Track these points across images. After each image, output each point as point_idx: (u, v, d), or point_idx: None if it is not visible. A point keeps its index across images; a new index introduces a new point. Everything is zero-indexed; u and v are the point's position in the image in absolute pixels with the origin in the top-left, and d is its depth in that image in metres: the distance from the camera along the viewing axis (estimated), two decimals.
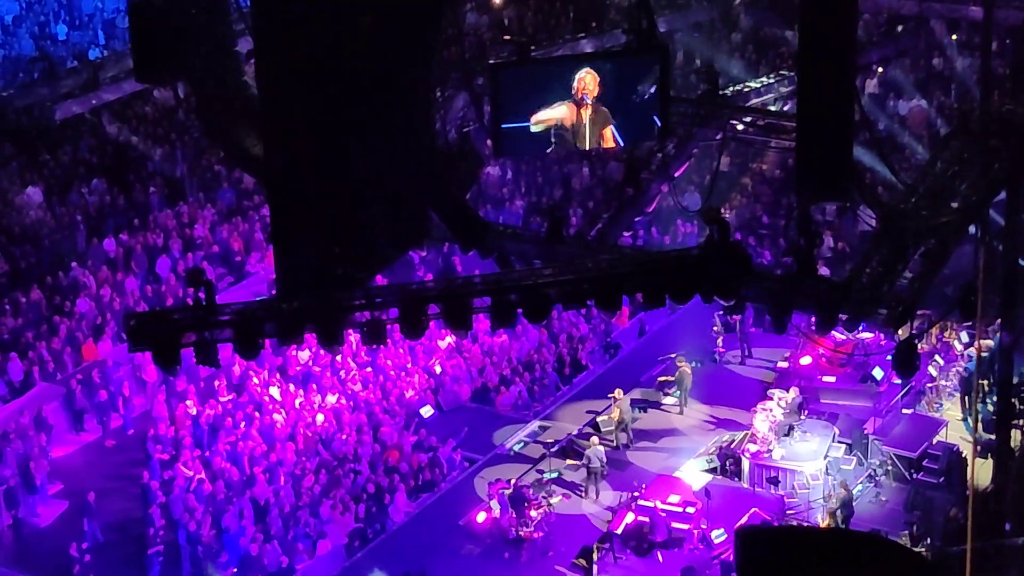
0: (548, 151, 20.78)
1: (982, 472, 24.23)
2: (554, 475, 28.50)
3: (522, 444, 30.50)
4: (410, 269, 34.30)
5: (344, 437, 30.11)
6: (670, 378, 31.41)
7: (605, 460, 28.32)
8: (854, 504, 26.81)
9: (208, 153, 37.39)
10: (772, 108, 26.29)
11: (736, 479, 28.39)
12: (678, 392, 31.14)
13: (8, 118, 31.41)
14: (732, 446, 28.95)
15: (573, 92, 19.91)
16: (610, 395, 30.56)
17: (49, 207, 35.24)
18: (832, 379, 30.85)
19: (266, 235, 34.33)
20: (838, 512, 26.18)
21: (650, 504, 26.81)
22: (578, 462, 28.65)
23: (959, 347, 31.26)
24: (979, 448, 23.67)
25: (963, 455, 27.49)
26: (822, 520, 26.34)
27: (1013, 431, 24.69)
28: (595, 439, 28.60)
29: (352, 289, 18.38)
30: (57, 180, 36.34)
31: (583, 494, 28.33)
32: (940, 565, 22.48)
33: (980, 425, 26.16)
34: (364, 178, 17.24)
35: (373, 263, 19.04)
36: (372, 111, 17.17)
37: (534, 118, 19.94)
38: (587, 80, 20.00)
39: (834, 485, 26.93)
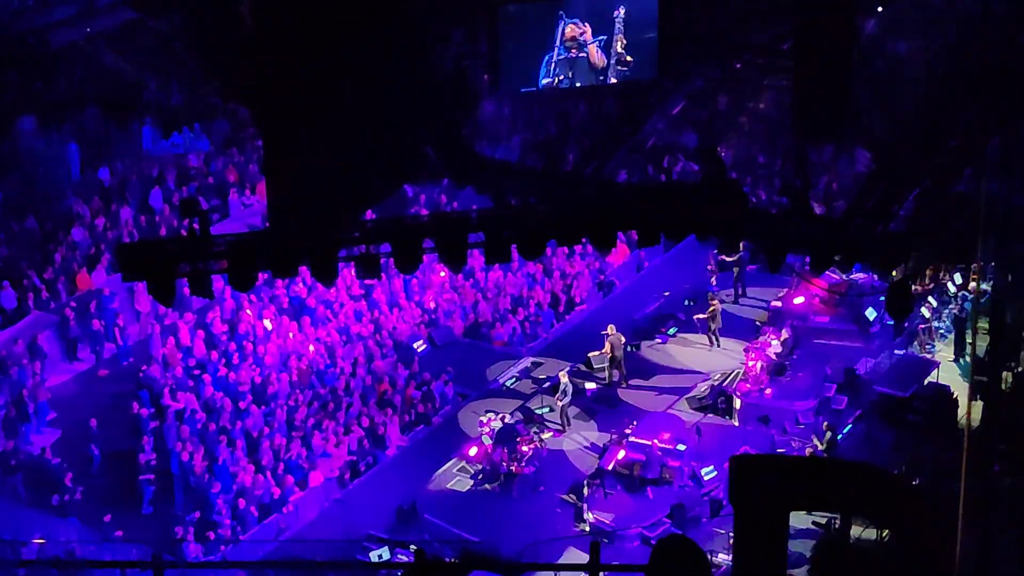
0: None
1: (973, 413, 24.28)
2: (545, 411, 28.63)
3: (514, 380, 30.67)
4: (406, 204, 34.18)
5: (337, 370, 30.17)
6: (703, 315, 31.48)
7: (571, 395, 28.73)
8: (843, 444, 26.93)
9: (204, 84, 37.09)
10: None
11: (727, 417, 28.59)
12: (711, 327, 31.39)
13: (2, 45, 31.12)
14: (724, 385, 29.04)
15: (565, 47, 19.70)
16: (603, 332, 30.59)
17: (43, 136, 35.03)
18: (825, 319, 31.03)
19: (261, 167, 34.18)
20: (823, 453, 26.30)
21: (642, 441, 26.96)
22: (561, 403, 28.86)
23: (952, 289, 31.21)
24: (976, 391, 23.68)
25: (954, 396, 27.56)
26: None
27: (1004, 373, 24.65)
28: (563, 374, 28.86)
29: (346, 223, 18.30)
30: (52, 108, 36.07)
31: (568, 427, 28.56)
32: (931, 500, 22.54)
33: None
34: (359, 112, 17.12)
35: (367, 197, 18.94)
36: (368, 44, 17.03)
37: None
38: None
39: (821, 425, 27.04)
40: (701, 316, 31.47)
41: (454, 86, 22.41)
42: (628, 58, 19.78)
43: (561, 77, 19.56)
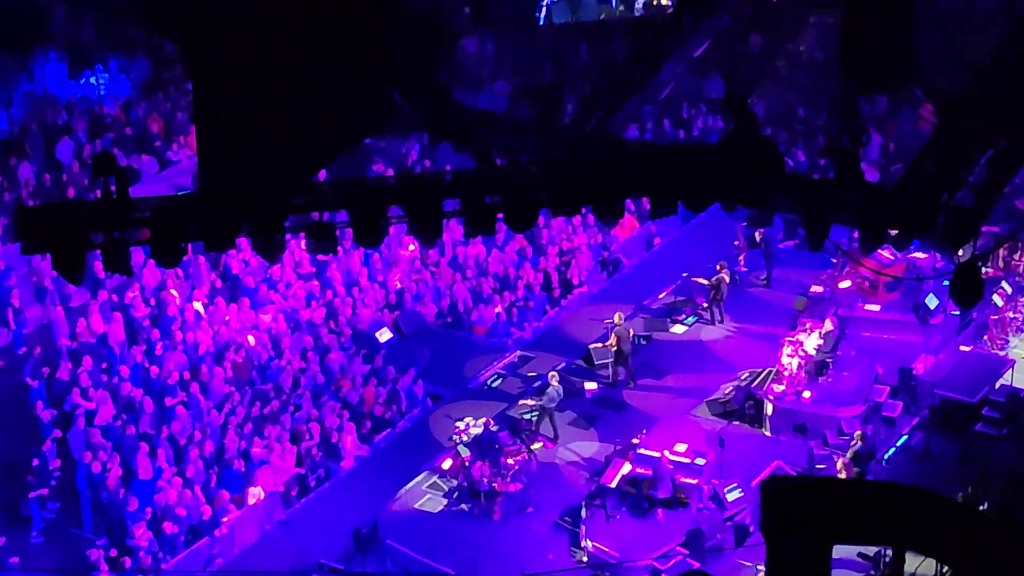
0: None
1: None
2: (534, 416, 28.65)
3: (498, 378, 30.68)
4: (369, 162, 34.14)
5: (283, 364, 30.20)
6: (702, 280, 31.70)
7: (561, 396, 28.75)
8: (896, 459, 27.09)
9: (123, 12, 37.02)
10: None
11: (756, 426, 28.65)
12: (714, 298, 31.77)
13: None
14: (753, 386, 29.11)
15: None
16: (607, 320, 30.59)
17: None
18: (876, 308, 31.03)
19: (190, 115, 34.13)
20: (853, 468, 26.41)
21: (652, 454, 26.98)
22: (533, 402, 28.87)
23: None
24: None
25: None
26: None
27: None
28: (554, 375, 28.87)
29: (295, 184, 18.25)
30: None
31: (556, 438, 28.59)
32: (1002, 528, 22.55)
33: None
34: (312, 50, 17.06)
35: (321, 153, 18.90)
36: None
37: None
38: None
39: (853, 435, 27.22)
40: (702, 281, 31.76)
41: (428, 20, 22.35)
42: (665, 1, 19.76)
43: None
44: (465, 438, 27.58)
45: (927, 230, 20.97)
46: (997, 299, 30.51)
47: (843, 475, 25.97)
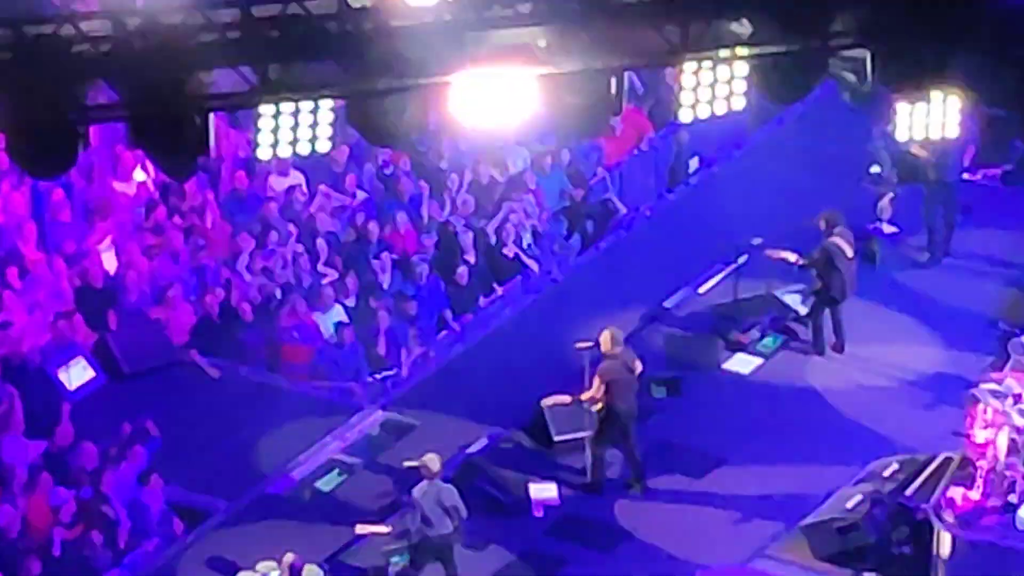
0: None
1: None
2: (405, 561, 27.04)
3: (336, 471, 28.66)
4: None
5: None
6: (789, 255, 30.53)
7: (460, 511, 26.75)
8: None
9: None
10: None
11: None
12: (813, 293, 30.35)
13: None
14: (909, 492, 27.06)
15: None
16: (581, 343, 28.86)
17: None
18: None
19: None
20: None
21: None
22: (384, 530, 27.41)
23: None
24: None
25: None
26: None
27: None
28: (434, 458, 26.99)
29: None
30: None
31: None
32: None
33: None
34: None
35: None
36: None
37: None
38: None
39: None
40: (790, 257, 30.54)
41: None
42: None
43: None
44: None
45: None
46: None
47: None
